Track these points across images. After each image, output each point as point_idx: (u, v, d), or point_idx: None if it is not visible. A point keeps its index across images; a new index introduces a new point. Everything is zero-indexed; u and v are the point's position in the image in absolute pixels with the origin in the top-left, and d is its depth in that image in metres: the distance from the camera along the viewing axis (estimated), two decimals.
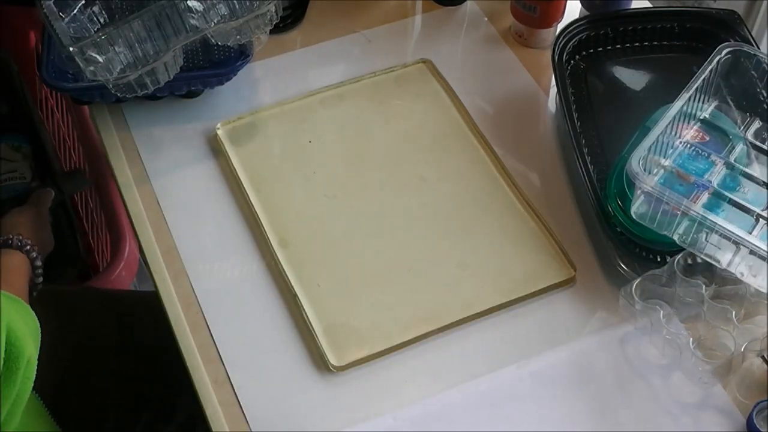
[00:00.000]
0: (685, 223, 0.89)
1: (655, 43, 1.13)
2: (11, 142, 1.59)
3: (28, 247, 0.99)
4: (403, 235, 1.00)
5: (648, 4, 1.20)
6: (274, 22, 1.02)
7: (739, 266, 0.88)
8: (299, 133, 1.08)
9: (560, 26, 1.12)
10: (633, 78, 1.11)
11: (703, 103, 0.99)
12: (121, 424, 1.09)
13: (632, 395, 0.89)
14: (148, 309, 0.99)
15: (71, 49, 0.94)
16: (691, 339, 0.89)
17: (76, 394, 1.06)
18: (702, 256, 0.90)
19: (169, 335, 0.93)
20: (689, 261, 0.92)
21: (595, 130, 1.05)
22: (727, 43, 1.00)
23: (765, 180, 0.94)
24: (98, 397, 1.09)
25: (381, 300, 0.95)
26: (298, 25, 1.19)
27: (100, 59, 0.95)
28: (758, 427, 0.85)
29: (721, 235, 0.86)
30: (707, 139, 0.98)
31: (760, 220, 0.90)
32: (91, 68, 0.95)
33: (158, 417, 1.10)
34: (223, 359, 0.91)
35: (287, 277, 0.96)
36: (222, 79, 1.08)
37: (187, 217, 1.01)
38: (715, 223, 0.86)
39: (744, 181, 0.95)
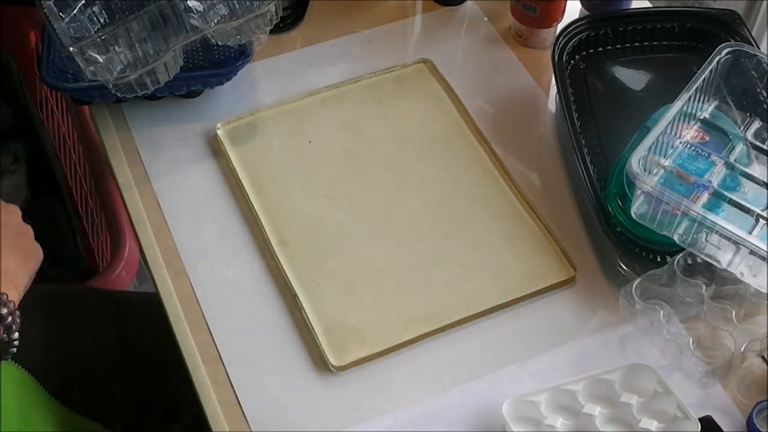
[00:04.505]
0: (685, 223, 0.89)
1: (655, 43, 1.13)
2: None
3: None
4: (403, 235, 1.00)
5: (648, 4, 1.20)
6: (274, 22, 1.02)
7: (739, 266, 0.88)
8: (299, 133, 1.08)
9: (560, 26, 1.12)
10: (633, 78, 1.11)
11: (703, 103, 0.99)
12: (128, 426, 1.09)
13: None
14: (150, 309, 0.99)
15: (71, 49, 0.94)
16: (691, 339, 0.89)
17: (80, 398, 1.06)
18: (702, 256, 0.90)
19: (171, 338, 0.93)
20: (689, 261, 0.92)
21: (595, 130, 1.05)
22: (727, 43, 1.00)
23: (765, 180, 0.94)
24: (103, 400, 1.09)
25: (381, 300, 0.95)
26: (298, 25, 1.19)
27: (100, 59, 0.95)
28: (758, 427, 0.85)
29: (721, 235, 0.86)
30: (707, 139, 0.98)
31: (760, 220, 0.90)
32: (91, 68, 0.95)
33: (164, 417, 1.10)
34: (223, 359, 0.91)
35: (287, 277, 0.96)
36: (222, 79, 1.08)
37: (187, 217, 1.01)
38: (715, 223, 0.86)
39: (744, 181, 0.94)
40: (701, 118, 0.99)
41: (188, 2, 0.97)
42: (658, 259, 0.94)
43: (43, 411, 0.97)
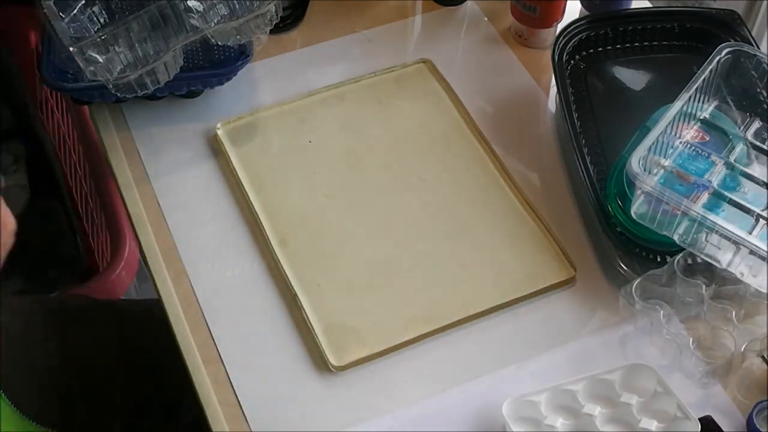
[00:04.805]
0: (685, 223, 0.89)
1: (655, 43, 1.13)
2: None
3: None
4: (403, 235, 1.00)
5: (648, 4, 1.20)
6: (274, 22, 1.02)
7: (739, 266, 0.88)
8: (299, 133, 1.08)
9: (560, 26, 1.12)
10: (633, 78, 1.11)
11: (703, 103, 0.99)
12: (128, 426, 1.09)
13: None
14: (150, 314, 0.99)
15: (71, 49, 0.94)
16: (691, 339, 0.89)
17: (81, 402, 1.06)
18: (702, 256, 0.90)
19: (171, 338, 0.93)
20: (689, 261, 0.92)
21: (595, 130, 1.05)
22: (727, 43, 1.00)
23: (765, 180, 0.94)
24: (103, 404, 1.09)
25: (381, 300, 0.95)
26: (298, 25, 1.19)
27: (100, 59, 0.95)
28: (758, 427, 0.85)
29: (721, 235, 0.86)
30: (707, 139, 0.98)
31: (760, 220, 0.90)
32: (91, 68, 0.95)
33: (164, 417, 1.10)
34: (223, 359, 0.91)
35: (287, 277, 0.96)
36: (222, 79, 1.08)
37: (187, 217, 1.02)
38: (715, 223, 0.86)
39: (744, 181, 0.94)
40: (701, 118, 0.99)
41: (188, 2, 0.97)
42: (658, 259, 0.94)
43: None
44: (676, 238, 0.90)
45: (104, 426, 1.07)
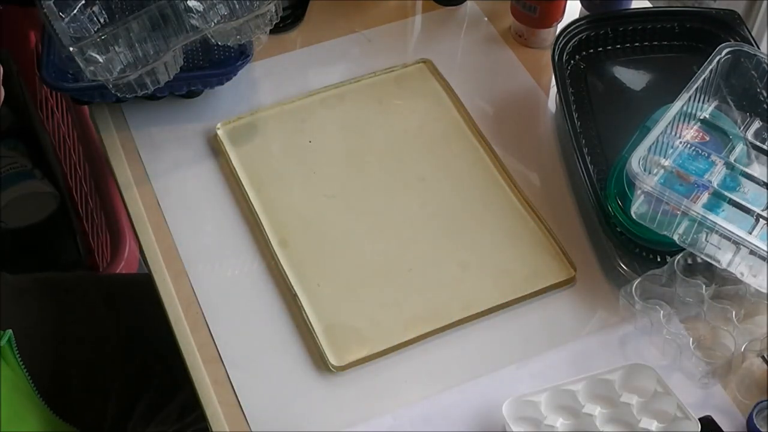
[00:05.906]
0: (685, 223, 0.89)
1: (655, 43, 1.13)
2: (8, 144, 1.60)
3: None
4: (403, 235, 1.00)
5: (648, 4, 1.20)
6: (274, 22, 1.02)
7: (739, 266, 0.88)
8: (299, 133, 1.08)
9: (560, 26, 1.12)
10: (633, 78, 1.11)
11: (703, 103, 0.99)
12: (124, 404, 1.09)
13: None
14: (144, 289, 0.99)
15: (71, 49, 0.94)
16: (691, 339, 0.89)
17: (77, 379, 1.07)
18: (702, 256, 0.90)
19: (165, 315, 0.93)
20: (689, 261, 0.92)
21: (595, 130, 1.05)
22: (727, 43, 1.00)
23: (765, 180, 0.94)
24: (99, 380, 1.09)
25: (381, 300, 0.95)
26: (298, 25, 1.19)
27: (100, 59, 0.95)
28: (758, 427, 0.85)
29: (721, 235, 0.86)
30: (707, 139, 0.98)
31: (760, 220, 0.90)
32: (91, 68, 0.95)
33: (161, 395, 1.10)
34: (223, 359, 0.91)
35: (287, 277, 0.96)
36: (222, 79, 1.08)
37: (187, 217, 1.02)
38: (715, 223, 0.86)
39: (744, 181, 0.95)
40: (701, 118, 0.99)
41: (188, 2, 0.97)
42: (658, 259, 0.94)
43: (32, 414, 0.97)
44: (676, 238, 0.90)
45: (100, 398, 1.08)
